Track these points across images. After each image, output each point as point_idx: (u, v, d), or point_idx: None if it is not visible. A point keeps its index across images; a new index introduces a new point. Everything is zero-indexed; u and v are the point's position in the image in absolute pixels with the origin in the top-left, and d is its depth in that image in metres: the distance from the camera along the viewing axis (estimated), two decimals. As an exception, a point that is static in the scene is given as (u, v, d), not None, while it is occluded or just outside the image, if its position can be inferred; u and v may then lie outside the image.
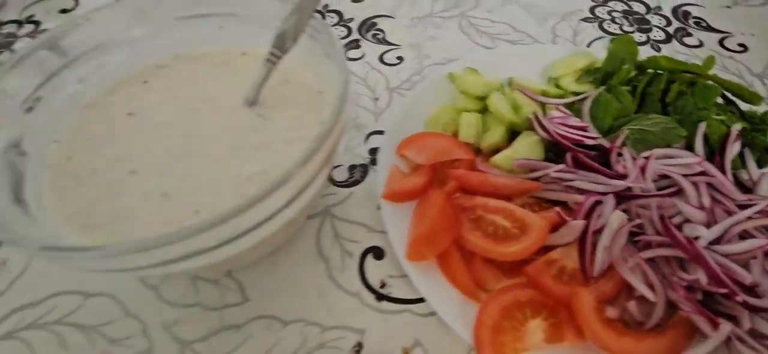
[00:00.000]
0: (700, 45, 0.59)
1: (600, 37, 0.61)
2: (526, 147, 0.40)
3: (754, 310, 0.30)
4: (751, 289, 0.31)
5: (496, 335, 0.31)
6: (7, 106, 0.33)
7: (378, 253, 0.40)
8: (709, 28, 0.61)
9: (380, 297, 0.38)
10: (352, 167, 0.46)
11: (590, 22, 0.63)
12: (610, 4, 0.66)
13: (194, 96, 0.39)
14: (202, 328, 0.36)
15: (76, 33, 0.37)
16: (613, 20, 0.63)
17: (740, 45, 0.58)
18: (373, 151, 0.47)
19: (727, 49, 0.58)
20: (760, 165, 0.40)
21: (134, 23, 0.40)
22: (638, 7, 0.66)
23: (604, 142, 0.39)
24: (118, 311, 0.37)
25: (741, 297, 0.30)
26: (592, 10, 0.65)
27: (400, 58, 0.58)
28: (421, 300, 0.37)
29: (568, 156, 0.38)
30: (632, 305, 0.32)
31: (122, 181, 0.33)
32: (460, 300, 0.34)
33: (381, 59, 0.58)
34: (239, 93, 0.38)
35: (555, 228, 0.35)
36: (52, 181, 0.33)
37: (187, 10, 0.41)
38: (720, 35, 0.60)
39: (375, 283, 0.38)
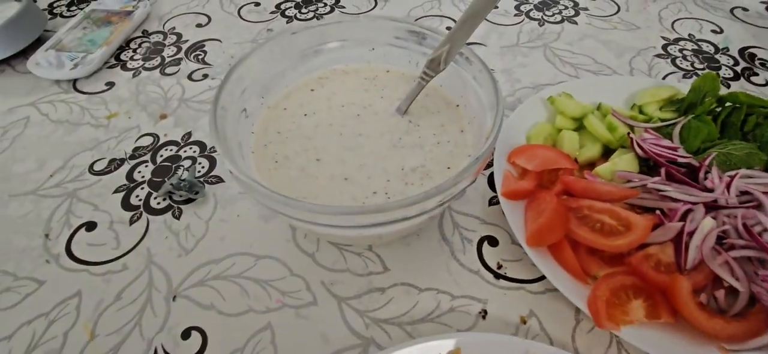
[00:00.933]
0: (767, 84, 0.65)
1: (673, 72, 0.68)
2: (625, 162, 0.48)
3: (828, 303, 0.37)
4: (826, 287, 0.37)
5: (609, 308, 0.39)
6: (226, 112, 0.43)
7: (492, 241, 0.49)
8: (777, 70, 0.68)
9: (498, 276, 0.46)
10: (462, 170, 0.55)
11: (663, 58, 0.70)
12: (681, 43, 0.73)
13: (354, 103, 0.48)
14: (354, 288, 0.45)
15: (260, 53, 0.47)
16: (684, 57, 0.70)
17: (808, 85, 0.64)
18: (479, 159, 0.56)
19: (795, 89, 0.64)
20: (829, 190, 0.46)
21: (304, 47, 0.50)
22: (707, 47, 0.72)
23: (694, 161, 0.46)
24: (285, 271, 0.47)
25: (817, 290, 0.36)
26: (664, 47, 0.72)
27: (494, 81, 0.67)
28: (533, 280, 0.45)
29: (663, 171, 0.46)
30: (720, 294, 0.39)
31: (311, 166, 0.43)
32: (570, 280, 0.42)
33: (479, 81, 0.66)
34: (389, 102, 0.48)
35: (653, 228, 0.43)
36: (257, 163, 0.43)
37: (350, 36, 0.50)
38: (788, 76, 0.66)
39: (492, 264, 0.47)
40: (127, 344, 0.42)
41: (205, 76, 0.71)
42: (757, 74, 0.67)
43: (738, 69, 0.68)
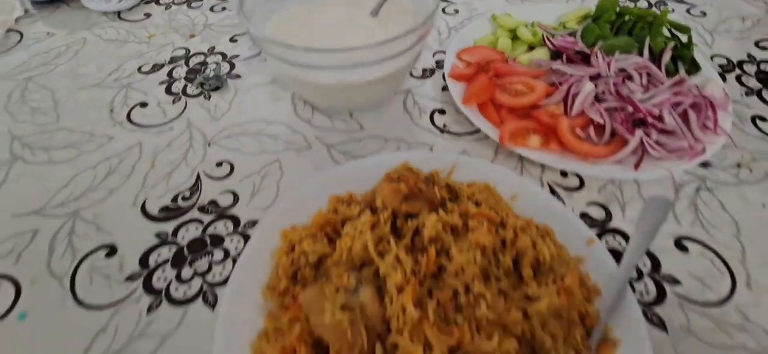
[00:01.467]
0: (672, 11, 0.82)
1: (600, 3, 0.84)
2: (540, 53, 0.65)
3: (659, 130, 0.54)
4: (660, 119, 0.54)
5: (512, 136, 0.56)
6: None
7: (441, 111, 0.66)
8: (682, 1, 0.84)
9: (442, 131, 0.63)
10: (424, 69, 0.72)
11: (595, -6, 0.87)
12: (613, -17, 0.90)
13: (340, 14, 0.65)
14: (338, 138, 0.62)
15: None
16: (613, -7, 0.87)
17: (702, 12, 0.81)
18: (438, 63, 0.73)
19: (692, 14, 0.81)
20: (689, 73, 0.63)
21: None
22: (634, -14, 0.89)
23: (587, 50, 0.63)
24: (289, 131, 0.64)
25: (651, 119, 0.53)
26: (598, -14, 0.89)
27: (456, 11, 0.84)
28: (468, 133, 0.62)
29: (564, 56, 0.63)
30: (591, 130, 0.56)
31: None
32: (493, 129, 0.59)
33: (443, 10, 0.83)
34: (367, 13, 0.65)
35: (551, 93, 0.60)
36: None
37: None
38: (687, 5, 0.83)
39: (439, 125, 0.64)
40: (177, 170, 0.59)
41: (224, 8, 0.88)
42: (666, 4, 0.84)
43: (653, 1, 0.85)
